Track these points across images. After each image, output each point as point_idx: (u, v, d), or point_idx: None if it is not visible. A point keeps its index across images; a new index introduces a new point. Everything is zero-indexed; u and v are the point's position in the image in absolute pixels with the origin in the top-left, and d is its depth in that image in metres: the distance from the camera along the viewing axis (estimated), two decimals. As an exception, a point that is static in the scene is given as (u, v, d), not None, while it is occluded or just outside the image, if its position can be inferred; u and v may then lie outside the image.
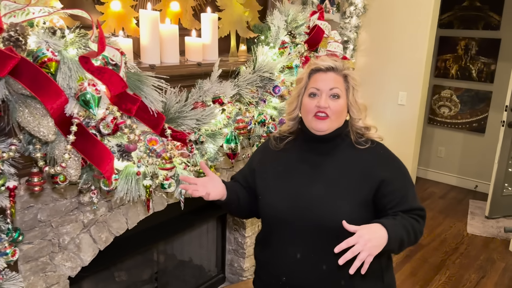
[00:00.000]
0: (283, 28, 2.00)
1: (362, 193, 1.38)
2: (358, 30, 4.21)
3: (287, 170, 1.49)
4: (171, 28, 1.74)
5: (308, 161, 1.47)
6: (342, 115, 1.43)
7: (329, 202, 1.37)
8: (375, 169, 1.40)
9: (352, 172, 1.41)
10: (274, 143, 1.55)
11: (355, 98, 1.44)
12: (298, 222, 1.41)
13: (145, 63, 1.67)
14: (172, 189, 1.64)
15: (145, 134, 1.43)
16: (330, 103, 1.40)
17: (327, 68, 1.44)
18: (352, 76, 1.45)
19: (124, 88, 1.27)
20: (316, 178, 1.43)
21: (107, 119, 1.26)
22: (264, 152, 1.59)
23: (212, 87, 1.64)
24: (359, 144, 1.44)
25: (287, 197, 1.44)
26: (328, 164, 1.43)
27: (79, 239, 1.76)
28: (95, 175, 1.37)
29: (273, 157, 1.54)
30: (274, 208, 1.46)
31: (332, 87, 1.41)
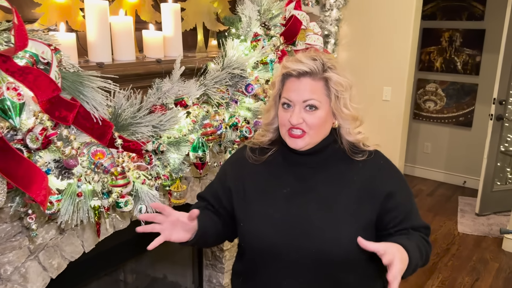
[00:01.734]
0: (256, 19, 1.77)
1: (365, 213, 1.15)
2: (339, 23, 4.01)
3: (271, 189, 1.22)
4: (125, 21, 1.50)
5: (294, 176, 1.22)
6: (323, 127, 1.18)
7: (329, 228, 1.13)
8: (378, 182, 1.17)
9: (349, 189, 1.17)
10: (253, 156, 1.28)
11: (340, 107, 1.16)
12: (290, 254, 1.15)
13: (93, 61, 1.43)
14: (129, 207, 1.41)
15: (89, 146, 1.19)
16: (306, 117, 1.14)
17: (300, 74, 1.15)
18: (334, 81, 1.14)
19: (55, 92, 1.03)
20: (306, 197, 1.18)
21: (35, 130, 1.02)
22: (240, 166, 1.30)
23: (173, 88, 1.41)
24: (355, 155, 1.20)
25: (275, 224, 1.17)
26: (319, 179, 1.19)
27: (25, 268, 1.51)
28: (26, 199, 1.13)
29: (252, 172, 1.27)
30: (260, 239, 1.19)
31: (305, 98, 1.14)
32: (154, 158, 1.40)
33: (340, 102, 1.16)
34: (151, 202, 1.48)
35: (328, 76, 1.14)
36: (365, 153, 1.20)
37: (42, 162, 1.11)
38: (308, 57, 1.17)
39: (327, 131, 1.19)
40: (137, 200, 1.47)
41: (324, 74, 1.15)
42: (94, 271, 1.88)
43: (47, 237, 1.56)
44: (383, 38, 3.82)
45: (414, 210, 1.21)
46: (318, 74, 1.14)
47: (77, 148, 1.10)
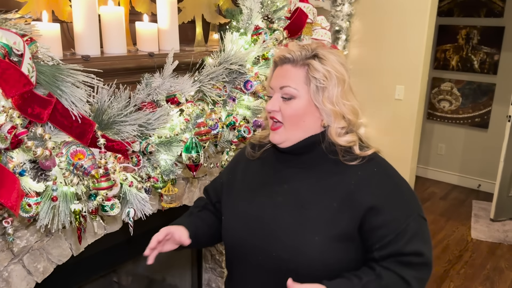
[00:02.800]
0: (258, 12, 1.66)
1: (340, 224, 1.03)
2: (350, 18, 3.87)
3: (253, 186, 1.18)
4: (115, 11, 1.40)
5: (279, 175, 1.15)
6: (301, 121, 1.08)
7: (295, 234, 1.04)
8: (363, 192, 1.04)
9: (331, 195, 1.06)
10: (251, 151, 1.24)
11: (321, 99, 1.06)
12: (254, 255, 1.10)
13: (79, 54, 1.33)
14: (115, 211, 1.32)
15: (69, 145, 1.10)
16: (282, 106, 1.08)
17: (281, 60, 1.10)
18: (315, 68, 1.04)
19: (27, 86, 0.94)
20: (284, 198, 1.10)
21: (3, 128, 0.93)
22: (238, 160, 1.29)
23: (164, 83, 1.31)
24: (347, 160, 1.08)
25: (247, 223, 1.13)
26: (302, 181, 1.10)
27: (8, 272, 1.43)
28: (-4, 203, 1.04)
29: (244, 168, 1.24)
30: (231, 235, 1.17)
31: (282, 85, 1.07)
32: (143, 159, 1.31)
33: (322, 94, 1.06)
34: (140, 206, 1.39)
35: (309, 62, 1.06)
36: (359, 158, 1.08)
37: (16, 163, 1.02)
38: (298, 46, 1.11)
39: (308, 126, 1.09)
40: (125, 203, 1.37)
41: (306, 61, 1.06)
42: (86, 275, 1.80)
43: (32, 240, 1.48)
44: (397, 34, 3.67)
45: (409, 232, 1.02)
46: (300, 61, 1.07)
47: (52, 148, 1.00)
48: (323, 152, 1.10)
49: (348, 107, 1.07)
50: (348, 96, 1.08)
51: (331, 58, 1.07)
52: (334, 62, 1.07)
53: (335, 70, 1.06)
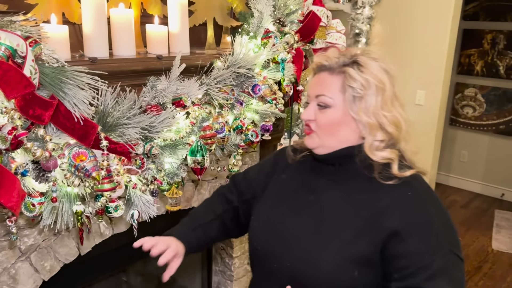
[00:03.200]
0: (270, 15, 1.64)
1: (360, 245, 0.96)
2: (371, 21, 3.81)
3: (282, 191, 1.16)
4: (125, 13, 1.41)
5: (308, 184, 1.11)
6: (336, 131, 1.03)
7: (311, 248, 1.00)
8: (389, 215, 0.96)
9: (356, 213, 0.99)
10: (291, 155, 1.21)
11: (357, 110, 0.99)
12: (270, 262, 1.09)
13: (88, 56, 1.34)
14: (119, 213, 1.32)
15: (71, 147, 1.11)
16: (317, 115, 1.04)
17: (318, 67, 1.06)
18: (350, 76, 0.98)
19: (28, 88, 0.95)
20: (307, 209, 1.07)
21: (3, 129, 0.94)
22: (277, 162, 1.25)
23: (170, 86, 1.30)
24: (382, 177, 1.00)
25: (268, 226, 1.12)
26: (329, 194, 1.05)
27: (15, 269, 1.46)
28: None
29: (281, 171, 1.21)
30: (253, 237, 1.16)
31: (317, 93, 1.04)
32: (147, 162, 1.31)
33: (359, 104, 0.99)
34: (144, 209, 1.39)
35: (346, 70, 1.00)
36: (396, 179, 0.99)
37: (18, 163, 1.03)
38: (337, 52, 1.07)
39: (344, 137, 1.04)
40: (129, 205, 1.38)
41: (343, 68, 1.01)
42: (93, 274, 1.81)
43: (40, 238, 1.50)
44: (418, 38, 3.59)
45: (434, 269, 0.90)
46: (337, 68, 1.02)
47: (52, 150, 1.01)
48: (357, 166, 1.03)
49: (389, 119, 1.00)
50: (390, 107, 1.01)
51: (372, 65, 1.00)
52: (375, 70, 1.00)
53: (375, 78, 0.99)
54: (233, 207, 1.29)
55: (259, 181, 1.24)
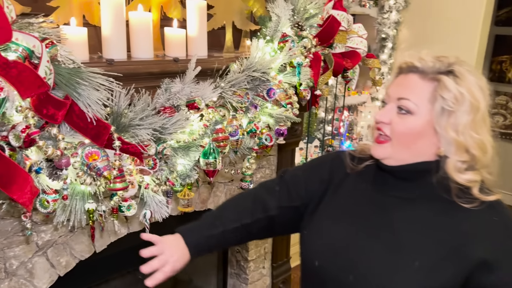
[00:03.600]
0: (288, 19, 1.64)
1: (440, 277, 0.87)
2: (398, 26, 3.75)
3: (343, 205, 1.05)
4: (143, 17, 1.43)
5: (375, 201, 1.00)
6: (413, 142, 0.93)
7: (382, 276, 0.90)
8: (478, 243, 0.88)
9: (435, 240, 0.90)
10: (349, 163, 1.09)
11: (444, 125, 0.90)
12: (326, 283, 1.00)
13: (106, 57, 1.37)
14: (132, 212, 1.35)
15: (84, 146, 1.13)
16: (394, 120, 0.94)
17: (408, 67, 0.95)
18: (445, 87, 0.89)
19: (41, 88, 0.97)
20: (376, 230, 0.96)
21: (17, 127, 0.97)
22: (335, 167, 1.12)
23: (184, 89, 1.32)
24: (461, 199, 0.91)
25: (327, 244, 1.01)
26: (402, 217, 0.95)
27: (32, 264, 1.50)
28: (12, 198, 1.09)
29: (340, 179, 1.09)
30: (307, 252, 1.05)
31: (400, 96, 0.93)
32: (159, 163, 1.32)
33: (447, 119, 0.90)
34: (157, 209, 1.41)
35: (441, 78, 0.91)
36: (477, 202, 0.91)
37: (33, 161, 1.06)
38: (432, 56, 0.96)
39: (419, 151, 0.94)
40: (142, 204, 1.40)
41: (438, 75, 0.91)
42: (107, 272, 1.85)
43: (56, 234, 1.54)
44: (447, 44, 3.50)
45: None
46: (430, 73, 0.93)
47: (63, 149, 1.04)
48: (432, 185, 0.94)
49: (476, 141, 0.91)
50: (479, 129, 0.91)
51: (469, 79, 0.92)
52: (472, 85, 0.91)
53: (471, 94, 0.90)
54: (268, 217, 1.14)
55: (313, 188, 1.11)
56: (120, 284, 2.11)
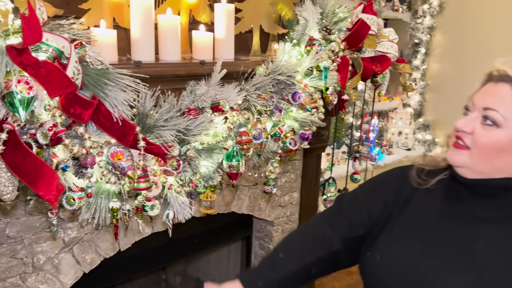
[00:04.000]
0: (316, 22, 1.63)
1: None
2: (432, 31, 3.67)
3: (415, 226, 0.96)
4: (172, 20, 1.45)
5: (448, 219, 0.93)
6: (496, 157, 0.87)
7: None
8: None
9: None
10: (416, 178, 1.01)
11: None
12: None
13: (134, 59, 1.40)
14: (155, 212, 1.35)
15: (110, 146, 1.15)
16: (477, 130, 0.88)
17: (500, 76, 0.88)
18: None
19: (69, 88, 1.00)
20: (456, 256, 0.88)
21: (45, 126, 1.00)
22: (399, 184, 1.04)
23: (209, 91, 1.32)
24: None
25: (398, 270, 0.93)
26: (484, 239, 0.87)
27: (58, 259, 1.54)
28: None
29: (406, 196, 1.01)
30: (380, 275, 0.97)
31: (487, 105, 0.87)
32: (183, 164, 1.33)
33: None
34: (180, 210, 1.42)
35: None
36: None
37: (60, 158, 1.09)
38: None
39: (502, 166, 0.87)
40: (166, 205, 1.41)
41: None
42: (131, 271, 1.87)
43: (82, 232, 1.58)
44: (483, 50, 3.38)
45: None
46: None
47: (89, 148, 1.06)
48: None
49: None
50: None
51: None
52: None
53: None
54: (332, 253, 1.05)
55: (377, 212, 1.03)
56: (143, 283, 2.14)
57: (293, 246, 1.09)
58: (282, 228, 2.32)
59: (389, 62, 1.92)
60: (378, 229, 1.02)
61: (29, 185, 1.00)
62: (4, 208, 1.38)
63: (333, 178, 2.12)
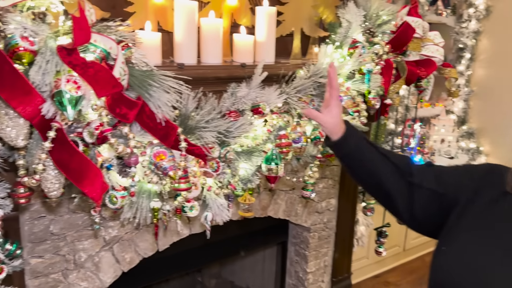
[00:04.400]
0: (359, 25, 1.59)
1: None
2: (477, 36, 3.52)
3: (498, 230, 0.91)
4: (214, 23, 1.46)
5: None
6: None
7: None
8: None
9: None
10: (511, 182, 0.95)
11: None
12: None
13: (177, 62, 1.42)
14: (194, 213, 1.36)
15: (153, 146, 1.17)
16: None
17: None
18: None
19: (116, 88, 1.02)
20: None
21: (92, 125, 1.02)
22: (489, 181, 0.98)
23: (249, 94, 1.32)
24: None
25: (469, 273, 0.89)
26: None
27: (99, 258, 1.57)
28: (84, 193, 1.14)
29: (493, 197, 0.95)
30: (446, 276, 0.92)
31: None
32: (222, 166, 1.33)
33: None
34: (218, 212, 1.41)
35: None
36: None
37: (104, 157, 1.11)
38: None
39: None
40: (204, 206, 1.41)
41: None
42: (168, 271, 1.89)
43: (123, 231, 1.61)
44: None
45: None
46: None
47: (133, 147, 1.07)
48: None
49: None
50: None
51: None
52: None
53: None
54: (408, 182, 1.07)
55: (463, 183, 1.00)
56: (179, 285, 2.16)
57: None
58: (319, 235, 2.28)
59: (435, 66, 1.86)
60: (454, 215, 0.97)
61: (75, 183, 1.02)
62: (49, 205, 1.42)
63: (373, 184, 2.06)
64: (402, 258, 3.70)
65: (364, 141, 1.17)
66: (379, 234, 2.13)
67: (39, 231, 1.42)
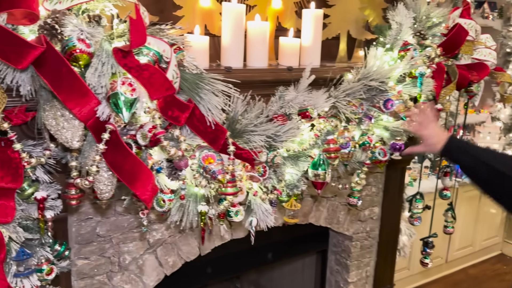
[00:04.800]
0: (409, 27, 1.54)
1: None
2: (526, 39, 3.38)
3: None
4: (261, 26, 1.45)
5: None
6: None
7: None
8: None
9: None
10: None
11: None
12: None
13: (224, 65, 1.41)
14: (239, 218, 1.34)
15: (202, 149, 1.16)
16: None
17: None
18: None
19: (169, 91, 1.01)
20: None
21: (145, 127, 1.02)
22: None
23: (297, 97, 1.29)
24: None
25: None
26: None
27: (142, 260, 1.58)
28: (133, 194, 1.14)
29: None
30: None
31: None
32: (269, 171, 1.30)
33: None
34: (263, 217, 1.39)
35: None
36: None
37: (155, 160, 1.11)
38: None
39: None
40: (249, 211, 1.39)
41: None
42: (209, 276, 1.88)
43: (166, 234, 1.61)
44: None
45: None
46: None
47: (184, 150, 1.07)
48: None
49: None
50: None
51: None
52: None
53: None
54: None
55: None
56: (218, 290, 2.14)
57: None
58: (361, 244, 2.21)
59: (487, 70, 1.78)
60: None
61: (127, 185, 1.02)
62: (97, 207, 1.44)
63: (421, 193, 1.99)
64: (444, 270, 3.56)
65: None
66: (426, 245, 2.05)
67: (86, 232, 1.43)
